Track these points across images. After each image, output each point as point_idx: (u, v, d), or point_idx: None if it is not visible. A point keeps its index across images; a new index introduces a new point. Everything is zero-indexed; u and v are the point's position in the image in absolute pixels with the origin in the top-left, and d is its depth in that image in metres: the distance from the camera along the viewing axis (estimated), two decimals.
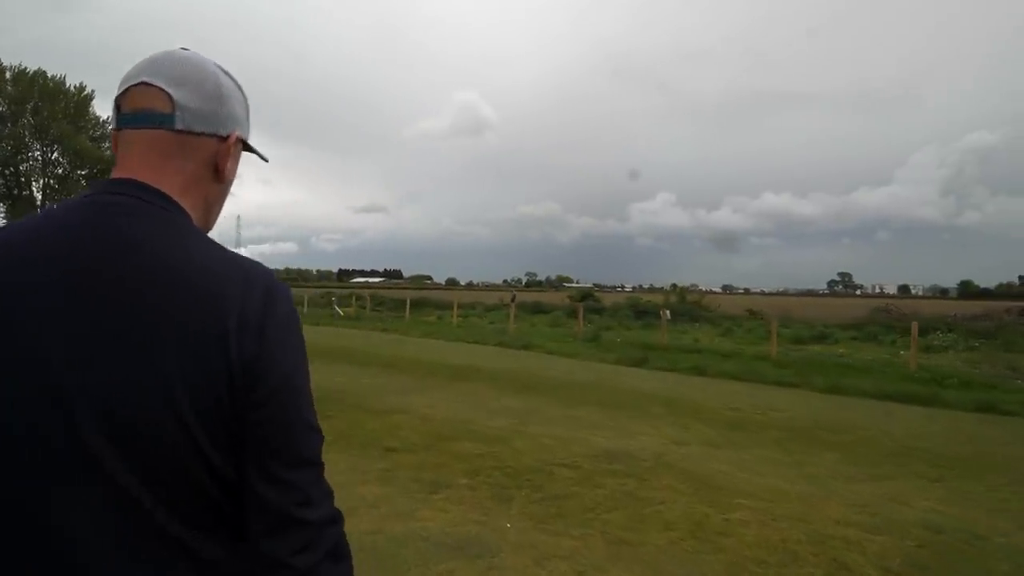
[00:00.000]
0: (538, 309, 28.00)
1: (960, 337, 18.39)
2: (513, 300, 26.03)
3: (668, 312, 17.88)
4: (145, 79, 0.85)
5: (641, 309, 25.48)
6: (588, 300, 30.34)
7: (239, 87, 0.94)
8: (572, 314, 27.54)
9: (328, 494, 0.82)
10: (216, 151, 0.89)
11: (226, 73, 0.92)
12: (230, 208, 1.08)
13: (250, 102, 0.98)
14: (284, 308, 0.81)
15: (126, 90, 0.86)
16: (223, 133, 0.90)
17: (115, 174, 0.85)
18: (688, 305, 25.88)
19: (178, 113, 0.85)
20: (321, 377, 10.44)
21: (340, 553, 0.82)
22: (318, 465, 0.82)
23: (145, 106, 0.85)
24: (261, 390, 0.76)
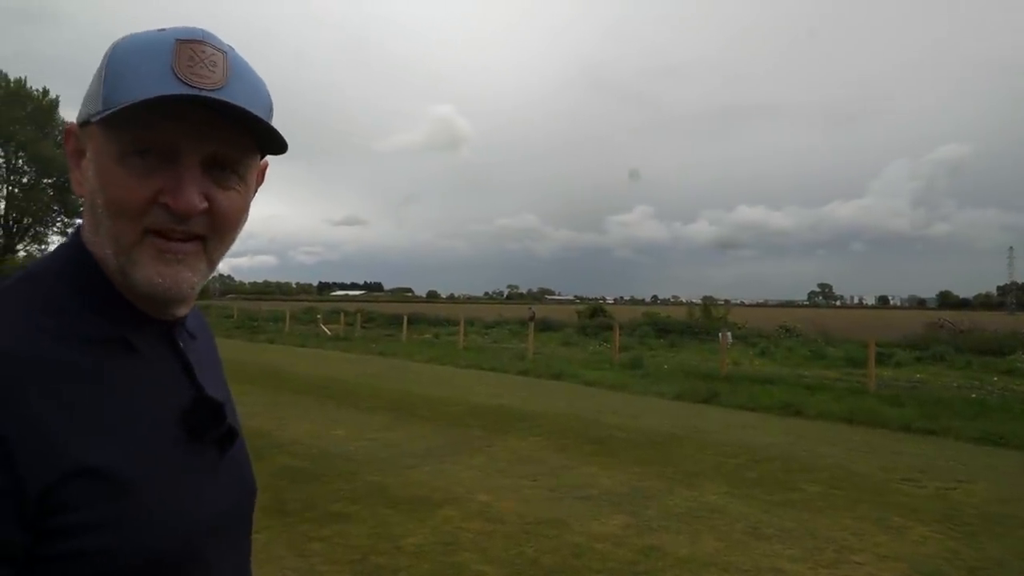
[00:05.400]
0: (547, 326, 25.29)
1: None
2: (532, 318, 23.16)
3: (730, 334, 15.22)
4: None
5: (663, 327, 22.93)
6: (599, 315, 27.76)
7: None
8: (584, 331, 24.96)
9: None
10: None
11: None
12: None
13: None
14: None
15: None
16: None
17: None
18: (716, 321, 23.39)
19: None
20: (314, 430, 7.56)
21: None
22: None
23: None
24: None
